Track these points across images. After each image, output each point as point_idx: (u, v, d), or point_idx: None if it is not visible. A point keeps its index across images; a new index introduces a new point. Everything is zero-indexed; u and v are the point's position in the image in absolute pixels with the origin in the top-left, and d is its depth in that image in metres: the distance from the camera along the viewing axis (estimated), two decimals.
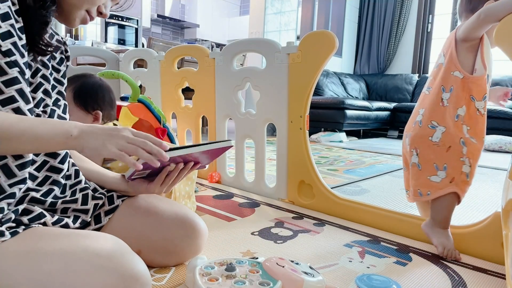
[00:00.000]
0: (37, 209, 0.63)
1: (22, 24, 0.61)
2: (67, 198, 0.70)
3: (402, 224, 1.11)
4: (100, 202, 0.76)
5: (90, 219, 0.74)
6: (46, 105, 0.68)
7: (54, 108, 0.71)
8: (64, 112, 0.74)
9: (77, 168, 0.76)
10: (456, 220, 1.31)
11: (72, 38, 4.48)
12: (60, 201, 0.69)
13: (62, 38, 0.77)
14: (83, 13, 0.67)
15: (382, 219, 1.16)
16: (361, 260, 0.94)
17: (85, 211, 0.72)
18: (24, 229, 0.58)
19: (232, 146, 0.73)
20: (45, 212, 0.64)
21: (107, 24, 5.01)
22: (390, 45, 5.13)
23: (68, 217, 0.69)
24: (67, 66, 0.78)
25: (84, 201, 0.72)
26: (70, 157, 0.76)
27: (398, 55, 5.20)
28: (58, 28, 3.31)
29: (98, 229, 0.75)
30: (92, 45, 3.89)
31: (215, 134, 1.67)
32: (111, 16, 5.05)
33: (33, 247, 0.54)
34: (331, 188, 1.32)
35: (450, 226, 1.02)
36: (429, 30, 4.99)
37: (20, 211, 0.61)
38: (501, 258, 0.93)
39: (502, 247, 0.91)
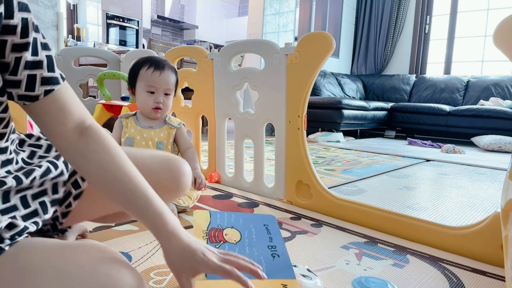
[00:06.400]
0: (21, 224, 0.55)
1: None
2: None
3: (399, 225, 1.11)
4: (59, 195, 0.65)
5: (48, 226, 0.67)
6: None
7: None
8: None
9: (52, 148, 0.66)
10: (455, 220, 1.32)
11: (74, 39, 4.47)
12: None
13: None
14: None
15: (379, 220, 1.16)
16: (358, 262, 0.93)
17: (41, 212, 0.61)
18: (9, 245, 0.52)
19: None
20: (28, 225, 0.56)
21: (108, 26, 5.02)
22: (387, 46, 5.13)
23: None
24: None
25: (44, 210, 0.62)
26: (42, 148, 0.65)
27: (395, 56, 5.21)
28: (60, 27, 3.24)
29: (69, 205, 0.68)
30: (94, 46, 3.89)
31: (215, 133, 1.67)
32: (113, 17, 5.05)
33: (23, 265, 0.49)
34: (329, 188, 1.32)
35: (448, 227, 1.02)
36: (426, 31, 5.00)
37: (3, 227, 0.53)
38: (500, 260, 0.93)
39: (501, 249, 0.90)
